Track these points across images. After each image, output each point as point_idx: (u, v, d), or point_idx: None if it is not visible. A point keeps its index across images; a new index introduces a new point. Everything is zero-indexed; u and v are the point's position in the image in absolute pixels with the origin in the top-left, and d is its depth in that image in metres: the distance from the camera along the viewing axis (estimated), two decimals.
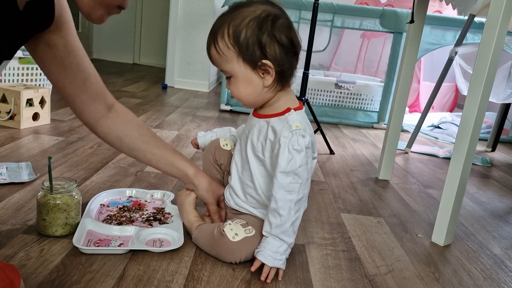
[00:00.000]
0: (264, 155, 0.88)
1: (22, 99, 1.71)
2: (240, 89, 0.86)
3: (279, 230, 0.85)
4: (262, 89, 0.85)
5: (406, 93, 1.57)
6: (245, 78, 0.84)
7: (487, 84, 1.02)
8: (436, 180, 1.72)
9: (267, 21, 0.81)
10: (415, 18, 1.49)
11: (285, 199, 0.84)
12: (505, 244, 1.18)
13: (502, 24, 0.98)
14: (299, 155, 0.83)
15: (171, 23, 3.46)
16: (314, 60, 3.30)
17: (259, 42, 0.80)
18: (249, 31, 0.80)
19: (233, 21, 0.81)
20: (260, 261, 0.85)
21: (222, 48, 0.83)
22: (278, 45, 0.82)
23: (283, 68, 0.83)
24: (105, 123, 0.95)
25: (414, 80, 3.11)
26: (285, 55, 0.83)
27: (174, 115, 2.37)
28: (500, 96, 2.15)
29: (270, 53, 0.81)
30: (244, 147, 0.93)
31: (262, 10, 0.81)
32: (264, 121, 0.88)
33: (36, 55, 0.83)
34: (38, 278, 0.77)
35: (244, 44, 0.81)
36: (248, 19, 0.81)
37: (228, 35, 0.82)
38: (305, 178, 0.85)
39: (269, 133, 0.87)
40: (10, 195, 1.10)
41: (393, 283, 0.90)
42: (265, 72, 0.83)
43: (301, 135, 0.83)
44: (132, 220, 1.02)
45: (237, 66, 0.83)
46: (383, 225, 1.20)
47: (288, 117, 0.86)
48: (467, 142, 1.04)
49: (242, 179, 0.94)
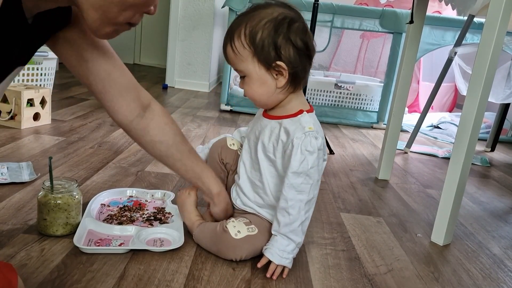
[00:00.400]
0: (275, 156, 0.89)
1: (23, 99, 1.71)
2: (253, 89, 0.87)
3: (288, 229, 0.86)
4: (275, 90, 0.86)
5: (406, 93, 1.57)
6: (259, 78, 0.85)
7: (486, 84, 1.02)
8: (435, 180, 1.72)
9: (283, 24, 0.82)
10: (414, 19, 1.49)
11: (296, 198, 0.85)
12: (505, 244, 1.18)
13: (502, 24, 0.99)
14: (311, 157, 0.84)
15: (171, 23, 3.46)
16: (314, 60, 3.29)
17: (275, 44, 0.82)
18: (265, 32, 0.82)
19: (250, 21, 0.83)
20: (267, 258, 0.86)
21: (238, 47, 0.84)
22: (292, 48, 0.83)
23: (297, 70, 0.85)
24: (139, 125, 0.90)
25: (413, 80, 3.12)
26: (299, 57, 0.84)
27: (175, 115, 2.38)
28: (500, 96, 2.16)
29: (284, 55, 0.83)
30: (253, 147, 0.93)
31: (279, 12, 0.83)
32: (276, 122, 0.89)
33: (56, 50, 0.82)
34: (38, 278, 0.77)
35: (260, 44, 0.82)
36: (265, 20, 0.82)
37: (244, 35, 0.83)
38: (316, 179, 0.86)
39: (281, 134, 0.88)
40: (11, 195, 1.10)
41: (393, 283, 0.91)
42: (278, 74, 0.85)
43: (314, 136, 0.85)
44: (132, 220, 1.02)
45: (251, 66, 0.84)
46: (383, 225, 1.20)
47: (301, 119, 0.87)
48: (466, 142, 1.05)
49: (251, 179, 0.95)
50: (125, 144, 1.69)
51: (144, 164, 1.48)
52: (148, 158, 1.54)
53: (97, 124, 1.95)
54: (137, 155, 1.56)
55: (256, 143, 0.93)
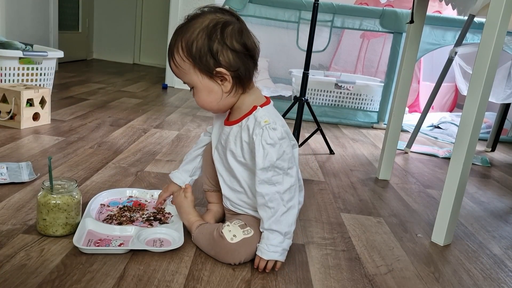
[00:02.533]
0: (245, 158, 0.90)
1: (23, 99, 1.71)
2: (202, 98, 0.89)
3: (270, 221, 0.86)
4: (222, 95, 0.88)
5: (406, 93, 1.57)
6: (204, 87, 0.87)
7: (486, 84, 1.02)
8: (436, 180, 1.72)
9: (216, 30, 0.84)
10: (414, 18, 1.49)
11: (271, 191, 0.86)
12: (505, 244, 1.18)
13: (502, 24, 0.98)
14: (273, 149, 0.85)
15: (171, 23, 3.46)
16: (314, 60, 3.30)
17: (211, 51, 0.84)
18: (199, 42, 0.84)
19: (184, 34, 0.85)
20: (259, 257, 0.86)
21: (179, 62, 0.86)
22: (230, 51, 0.84)
23: (239, 73, 0.86)
24: None
25: (414, 80, 3.12)
26: (239, 59, 0.85)
27: (174, 115, 2.38)
28: (500, 96, 2.15)
29: (223, 60, 0.84)
30: (224, 157, 0.94)
31: (210, 19, 0.84)
32: (237, 126, 0.91)
33: None
34: (38, 278, 0.77)
35: (197, 55, 0.84)
36: (197, 30, 0.84)
37: (181, 48, 0.85)
38: (286, 168, 0.87)
39: (243, 135, 0.89)
40: (10, 195, 1.10)
41: (393, 283, 0.90)
42: (222, 79, 0.86)
43: (271, 128, 0.85)
44: (132, 220, 1.02)
45: (195, 77, 0.87)
46: (383, 225, 1.20)
47: (255, 115, 0.88)
48: (467, 142, 1.05)
49: (231, 187, 0.96)
50: (125, 144, 1.69)
51: (143, 164, 1.47)
52: (147, 158, 1.54)
53: (96, 124, 1.95)
54: (136, 155, 1.56)
55: (225, 153, 0.94)
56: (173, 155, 1.62)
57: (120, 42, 5.11)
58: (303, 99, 1.90)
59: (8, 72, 2.01)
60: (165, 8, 3.62)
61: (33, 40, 3.07)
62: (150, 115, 2.30)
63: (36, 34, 3.28)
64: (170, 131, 1.99)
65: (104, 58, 5.13)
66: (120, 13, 5.01)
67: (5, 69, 1.99)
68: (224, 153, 0.94)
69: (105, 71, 3.99)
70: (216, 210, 1.06)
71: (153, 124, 2.08)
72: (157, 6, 4.96)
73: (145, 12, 5.07)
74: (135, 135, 1.84)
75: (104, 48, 5.11)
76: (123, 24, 5.03)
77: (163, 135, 1.89)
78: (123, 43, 5.11)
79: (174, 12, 3.43)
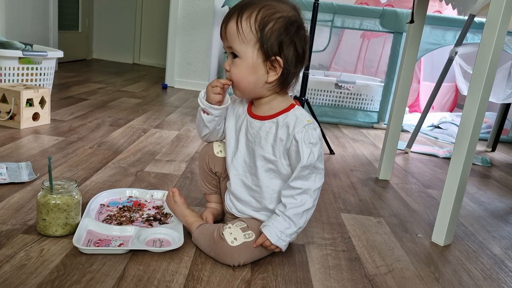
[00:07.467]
0: (276, 155, 0.89)
1: (22, 99, 1.71)
2: (243, 73, 0.86)
3: (293, 212, 0.87)
4: (263, 84, 0.87)
5: (406, 93, 1.57)
6: (252, 65, 0.85)
7: (487, 84, 1.02)
8: (436, 180, 1.72)
9: (294, 25, 0.85)
10: (415, 18, 1.49)
11: (304, 186, 0.87)
12: (505, 244, 1.18)
13: (502, 24, 0.98)
14: (316, 148, 0.86)
15: (171, 23, 3.46)
16: (314, 60, 3.30)
17: (281, 40, 0.83)
18: (276, 25, 0.83)
19: (265, 8, 0.83)
20: (265, 237, 0.86)
21: (244, 28, 0.83)
22: (293, 51, 0.85)
23: (289, 72, 0.86)
24: None
25: (414, 80, 3.11)
26: (295, 61, 0.86)
27: (174, 115, 2.37)
28: (500, 96, 2.15)
29: (285, 54, 0.84)
30: (250, 152, 0.92)
31: (293, 14, 0.86)
32: (270, 122, 0.89)
33: None
34: (38, 278, 0.77)
35: (268, 34, 0.83)
36: (279, 14, 0.84)
37: (255, 18, 0.83)
38: (321, 168, 0.89)
39: (279, 132, 0.88)
40: (10, 195, 1.10)
41: (393, 283, 0.90)
42: (271, 69, 0.85)
43: (313, 128, 0.86)
44: (132, 220, 1.02)
45: (250, 51, 0.84)
46: (383, 225, 1.20)
47: (296, 113, 0.88)
48: (467, 142, 1.04)
49: (245, 183, 0.94)
50: (125, 144, 1.68)
51: (143, 164, 1.47)
52: (147, 158, 1.54)
53: (96, 124, 1.94)
54: (136, 155, 1.56)
55: (253, 148, 0.91)
56: (173, 155, 1.62)
57: (120, 42, 5.11)
58: (303, 99, 1.90)
59: (8, 72, 2.01)
60: (165, 8, 3.62)
61: (33, 40, 3.07)
62: (150, 115, 2.30)
63: (35, 34, 3.28)
64: (170, 131, 1.98)
65: (104, 58, 5.12)
66: (120, 13, 5.01)
67: (5, 69, 1.99)
68: (252, 148, 0.91)
69: (105, 71, 3.99)
70: (215, 207, 1.06)
71: (153, 124, 2.08)
72: (157, 6, 4.96)
73: (145, 12, 5.06)
74: (135, 135, 1.84)
75: (104, 48, 5.11)
76: (123, 24, 5.03)
77: (163, 135, 1.89)
78: (123, 43, 5.11)
79: (174, 12, 3.43)
